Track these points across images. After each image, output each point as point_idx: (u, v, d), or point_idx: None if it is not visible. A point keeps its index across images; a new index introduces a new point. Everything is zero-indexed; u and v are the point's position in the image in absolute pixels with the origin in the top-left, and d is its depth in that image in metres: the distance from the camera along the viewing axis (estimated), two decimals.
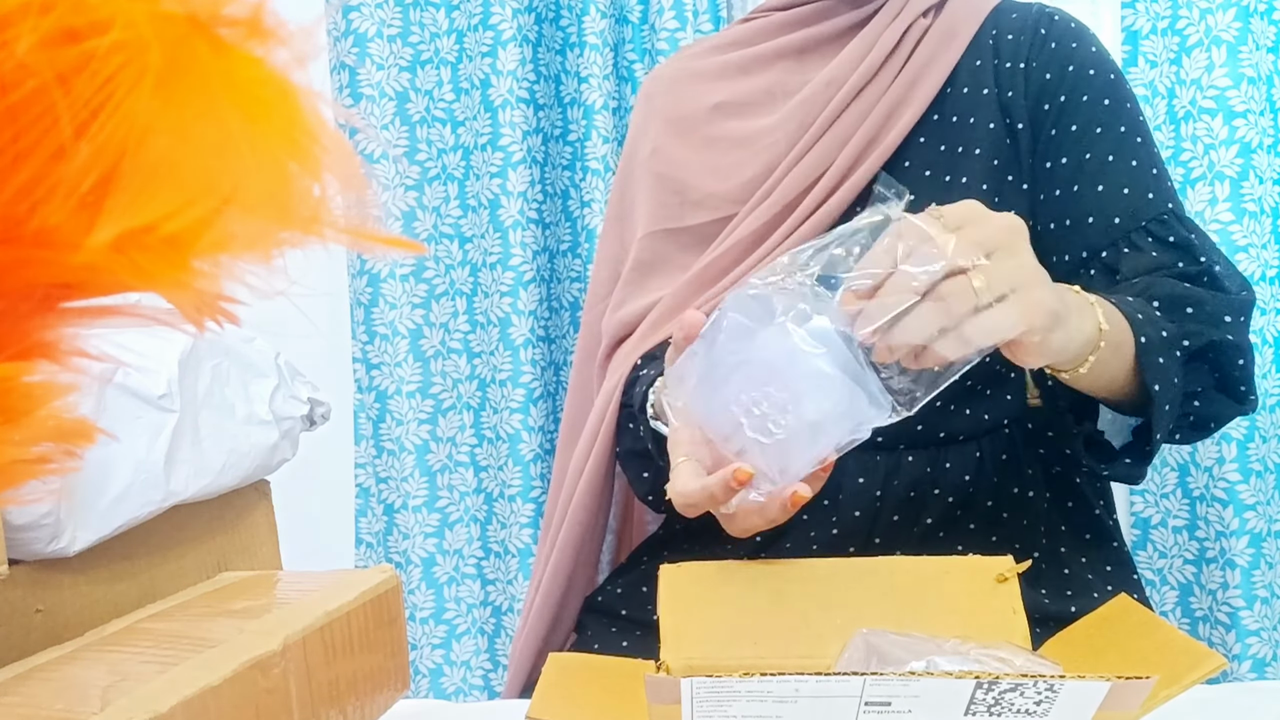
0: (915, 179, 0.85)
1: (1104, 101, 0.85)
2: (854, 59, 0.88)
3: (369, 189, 0.30)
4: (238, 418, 0.78)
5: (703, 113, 0.95)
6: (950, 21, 0.88)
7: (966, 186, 0.84)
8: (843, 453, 0.57)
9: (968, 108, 0.86)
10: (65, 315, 0.30)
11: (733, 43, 0.97)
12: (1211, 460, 1.35)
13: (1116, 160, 0.83)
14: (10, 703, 0.45)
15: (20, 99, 0.25)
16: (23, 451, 0.30)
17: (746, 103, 0.93)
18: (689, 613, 0.63)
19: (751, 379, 0.56)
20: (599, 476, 0.94)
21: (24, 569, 0.61)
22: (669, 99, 0.98)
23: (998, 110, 0.85)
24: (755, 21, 0.97)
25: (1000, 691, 0.43)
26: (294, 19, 0.29)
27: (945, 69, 0.86)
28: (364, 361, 1.52)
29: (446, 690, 1.53)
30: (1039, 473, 0.86)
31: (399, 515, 1.53)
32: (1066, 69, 0.85)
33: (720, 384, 0.56)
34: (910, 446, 0.84)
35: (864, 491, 0.84)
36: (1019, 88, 0.85)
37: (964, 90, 0.86)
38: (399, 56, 1.49)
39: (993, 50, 0.87)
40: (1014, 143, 0.85)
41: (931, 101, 0.86)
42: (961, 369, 0.57)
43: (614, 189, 1.04)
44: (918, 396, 0.58)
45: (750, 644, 0.62)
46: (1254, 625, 1.32)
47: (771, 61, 0.94)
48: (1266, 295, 1.32)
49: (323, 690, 0.53)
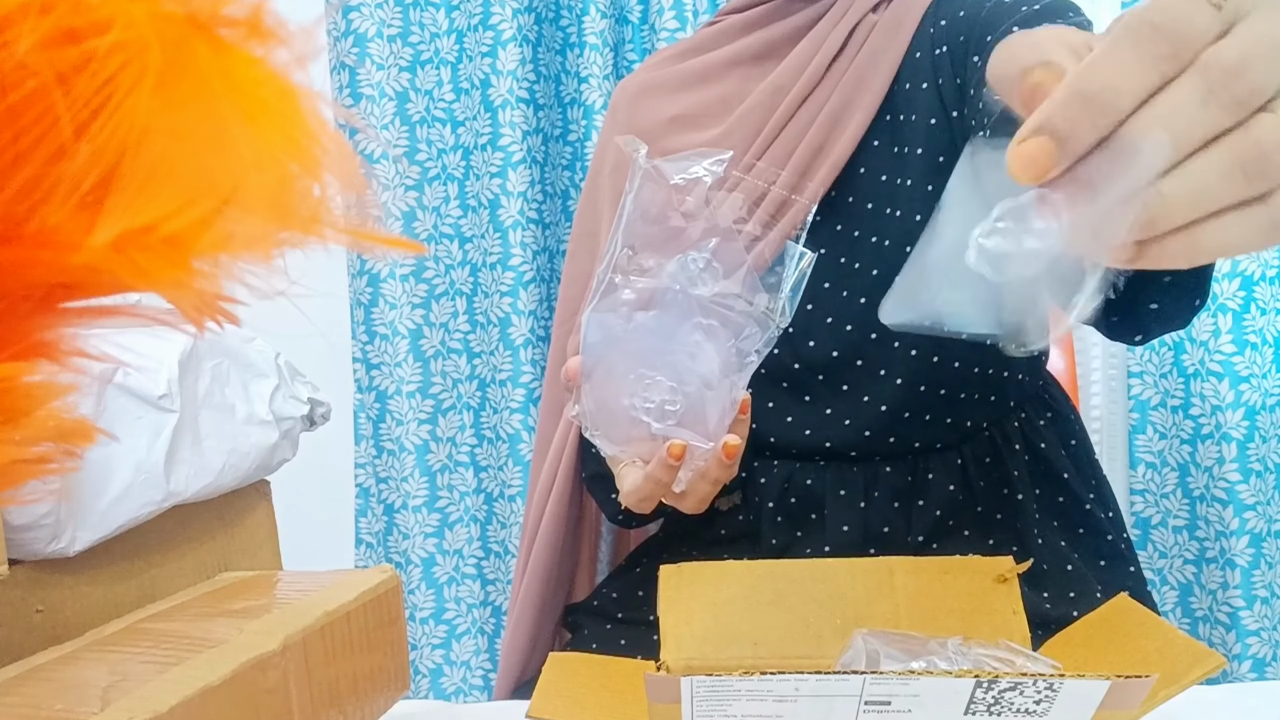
0: (870, 184, 0.82)
1: (1020, 8, 0.74)
2: (800, 62, 0.84)
3: (369, 189, 0.30)
4: (238, 418, 0.78)
5: (660, 125, 0.91)
6: (896, 15, 0.83)
7: (911, 188, 0.80)
8: (747, 379, 0.58)
9: (910, 105, 0.81)
10: (65, 315, 0.30)
11: (694, 49, 0.93)
12: (1211, 460, 1.35)
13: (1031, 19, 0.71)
14: (10, 703, 0.45)
15: (20, 99, 0.25)
16: (23, 451, 0.30)
17: (702, 114, 0.89)
18: (689, 613, 0.64)
19: (628, 379, 0.58)
20: (565, 495, 0.94)
21: (24, 569, 0.61)
22: (630, 113, 0.95)
23: (937, 101, 0.80)
24: (716, 25, 0.93)
25: (1000, 690, 0.43)
26: (294, 19, 0.29)
27: (891, 66, 0.82)
28: (364, 361, 1.52)
29: (446, 690, 1.53)
30: (1025, 473, 0.86)
31: (399, 515, 1.53)
32: (975, 21, 0.78)
33: (611, 400, 0.58)
34: (886, 458, 0.84)
35: (848, 503, 0.84)
36: (946, 72, 0.80)
37: (906, 86, 0.82)
38: (399, 56, 1.49)
39: (930, 39, 0.82)
40: (952, 134, 0.80)
41: (882, 101, 0.82)
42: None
43: (580, 206, 1.02)
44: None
45: (750, 644, 0.62)
46: (1254, 625, 1.33)
47: (729, 68, 0.89)
48: (1267, 295, 1.32)
49: (323, 690, 0.53)
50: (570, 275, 1.01)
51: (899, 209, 0.80)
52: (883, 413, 0.83)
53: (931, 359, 0.82)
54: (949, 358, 0.83)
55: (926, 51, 0.81)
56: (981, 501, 0.84)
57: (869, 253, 0.82)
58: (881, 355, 0.82)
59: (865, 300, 0.82)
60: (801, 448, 0.85)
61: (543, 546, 0.95)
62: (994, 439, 0.86)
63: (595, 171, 1.00)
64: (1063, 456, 0.88)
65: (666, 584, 0.65)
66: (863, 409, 0.83)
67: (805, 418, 0.85)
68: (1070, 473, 0.88)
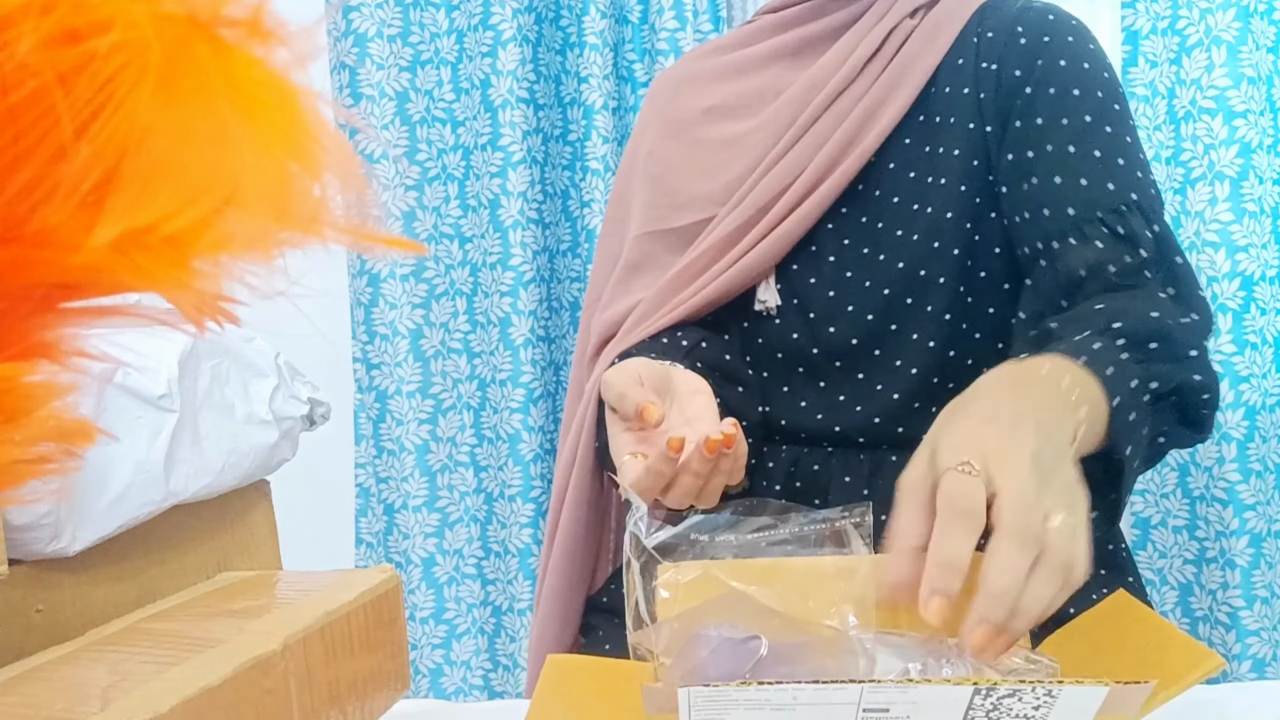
0: (898, 179, 0.85)
1: (1072, 92, 0.83)
2: (838, 60, 0.88)
3: (369, 189, 0.30)
4: (238, 418, 0.78)
5: (696, 115, 0.95)
6: (936, 21, 0.88)
7: (945, 187, 0.84)
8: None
9: (948, 107, 0.85)
10: (65, 315, 0.30)
11: (734, 44, 0.98)
12: (1211, 460, 1.35)
13: (1078, 151, 0.81)
14: (10, 703, 0.45)
15: (21, 99, 0.25)
16: (23, 451, 0.30)
17: (738, 105, 0.93)
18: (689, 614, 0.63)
19: None
20: (587, 472, 0.95)
21: (24, 569, 0.61)
22: (668, 101, 0.99)
23: (975, 110, 0.85)
24: (755, 22, 0.98)
25: (999, 697, 0.43)
26: (294, 19, 0.29)
27: (927, 69, 0.86)
28: (364, 361, 1.52)
29: (446, 690, 1.53)
30: None
31: (399, 515, 1.53)
32: (1035, 63, 0.84)
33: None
34: (893, 446, 0.85)
35: (851, 491, 0.84)
36: (990, 89, 0.84)
37: (945, 90, 0.86)
38: (399, 56, 1.49)
39: (975, 49, 0.86)
40: (987, 144, 0.85)
41: (915, 101, 0.86)
42: None
43: (614, 191, 1.05)
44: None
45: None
46: (1254, 625, 1.33)
47: (767, 63, 0.94)
48: (1267, 295, 1.32)
49: (323, 690, 0.53)
50: (600, 258, 1.04)
51: (929, 205, 0.83)
52: (895, 401, 0.84)
53: (948, 352, 0.84)
54: (964, 351, 0.84)
55: (970, 59, 0.86)
56: None
57: (894, 245, 0.84)
58: (899, 345, 0.84)
59: (888, 291, 0.84)
60: (811, 432, 0.87)
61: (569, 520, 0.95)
62: None
63: (629, 157, 1.03)
64: None
65: (664, 584, 0.65)
66: (875, 396, 0.85)
67: (818, 402, 0.87)
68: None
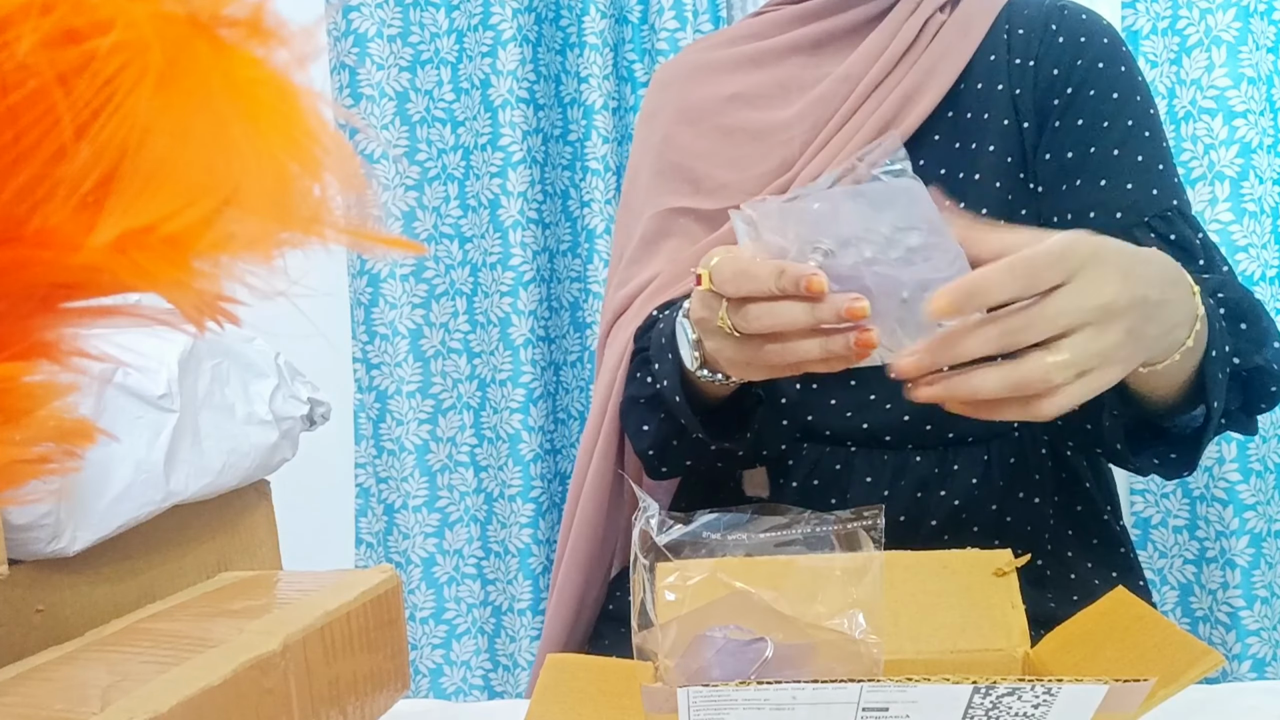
0: (929, 176, 0.84)
1: (1112, 95, 0.84)
2: (872, 53, 0.88)
3: (369, 189, 0.30)
4: (238, 418, 0.78)
5: (717, 103, 0.95)
6: (966, 15, 0.88)
7: (980, 184, 0.84)
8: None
9: (982, 104, 0.85)
10: (65, 315, 0.30)
11: (746, 36, 0.98)
12: (1211, 460, 1.35)
13: (1122, 155, 0.82)
14: (10, 703, 0.45)
15: (21, 99, 0.25)
16: (23, 451, 0.30)
17: (758, 95, 0.93)
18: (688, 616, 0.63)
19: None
20: (612, 446, 0.94)
21: (24, 569, 0.61)
22: (682, 88, 0.98)
23: (1010, 107, 0.85)
24: (768, 15, 0.97)
25: (998, 696, 0.43)
26: (294, 19, 0.29)
27: (960, 63, 0.86)
28: (364, 361, 1.52)
29: (446, 690, 1.53)
30: (1047, 478, 0.86)
31: (399, 515, 1.53)
32: (1075, 63, 0.84)
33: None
34: (919, 446, 0.85)
35: (872, 491, 0.84)
36: (1027, 85, 0.85)
37: (978, 86, 0.86)
38: (399, 56, 1.49)
39: (1006, 45, 0.86)
40: (1023, 140, 0.85)
41: (945, 97, 0.86)
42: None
43: (626, 180, 1.05)
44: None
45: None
46: (1254, 625, 1.32)
47: (785, 55, 0.94)
48: (1267, 295, 1.32)
49: (323, 690, 0.53)
50: (618, 251, 1.04)
51: (963, 202, 0.83)
52: None
53: None
54: None
55: (1003, 56, 0.86)
56: (997, 500, 0.85)
57: None
58: None
59: None
60: (837, 430, 0.86)
61: (588, 500, 0.95)
62: (1022, 440, 0.86)
63: (640, 144, 1.02)
64: (1084, 465, 0.89)
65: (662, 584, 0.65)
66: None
67: (848, 401, 0.86)
68: (1091, 482, 0.88)
